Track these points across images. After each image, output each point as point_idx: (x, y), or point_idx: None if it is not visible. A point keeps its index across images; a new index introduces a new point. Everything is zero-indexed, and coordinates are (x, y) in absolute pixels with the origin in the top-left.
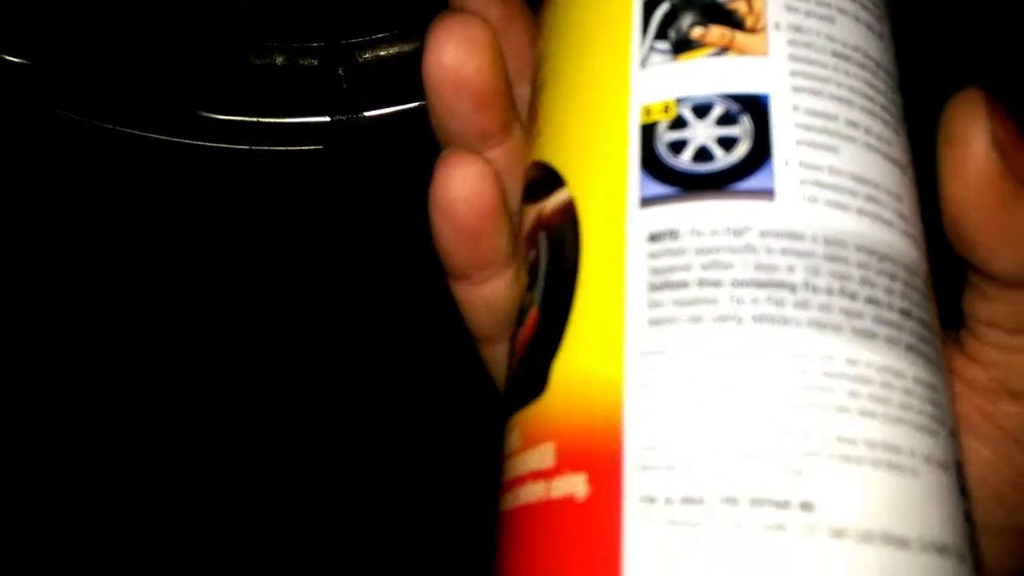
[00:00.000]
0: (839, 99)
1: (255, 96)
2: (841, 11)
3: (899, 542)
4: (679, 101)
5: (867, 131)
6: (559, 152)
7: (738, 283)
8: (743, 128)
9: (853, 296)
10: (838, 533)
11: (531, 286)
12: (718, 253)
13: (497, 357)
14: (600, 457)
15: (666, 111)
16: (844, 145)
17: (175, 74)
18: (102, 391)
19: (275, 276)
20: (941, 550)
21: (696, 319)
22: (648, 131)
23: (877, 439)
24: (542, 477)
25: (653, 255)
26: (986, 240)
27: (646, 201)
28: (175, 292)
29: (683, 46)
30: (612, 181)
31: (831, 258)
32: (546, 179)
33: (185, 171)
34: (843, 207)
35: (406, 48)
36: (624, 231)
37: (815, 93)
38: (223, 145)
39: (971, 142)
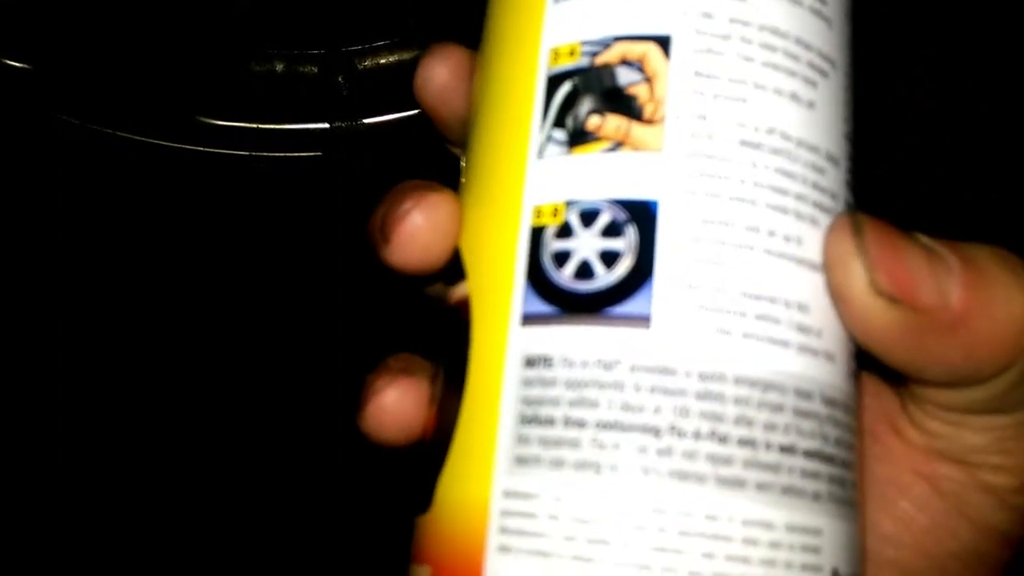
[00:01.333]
0: (740, 199)
1: (255, 102)
2: (758, 86)
3: None
4: (568, 204)
5: (771, 233)
6: (465, 239)
7: (602, 425)
8: (627, 241)
9: (724, 439)
10: None
11: (435, 375)
12: (586, 388)
13: None
14: None
15: (555, 214)
16: (738, 256)
17: (175, 80)
18: (103, 394)
19: (275, 281)
20: None
21: (557, 463)
22: (537, 236)
23: None
24: None
25: (527, 382)
26: (904, 364)
27: (527, 319)
28: (175, 296)
29: (579, 138)
30: (499, 289)
31: (703, 396)
32: (454, 266)
33: (185, 176)
34: (726, 332)
35: (405, 56)
36: (505, 350)
37: (712, 195)
38: (223, 151)
39: (856, 297)
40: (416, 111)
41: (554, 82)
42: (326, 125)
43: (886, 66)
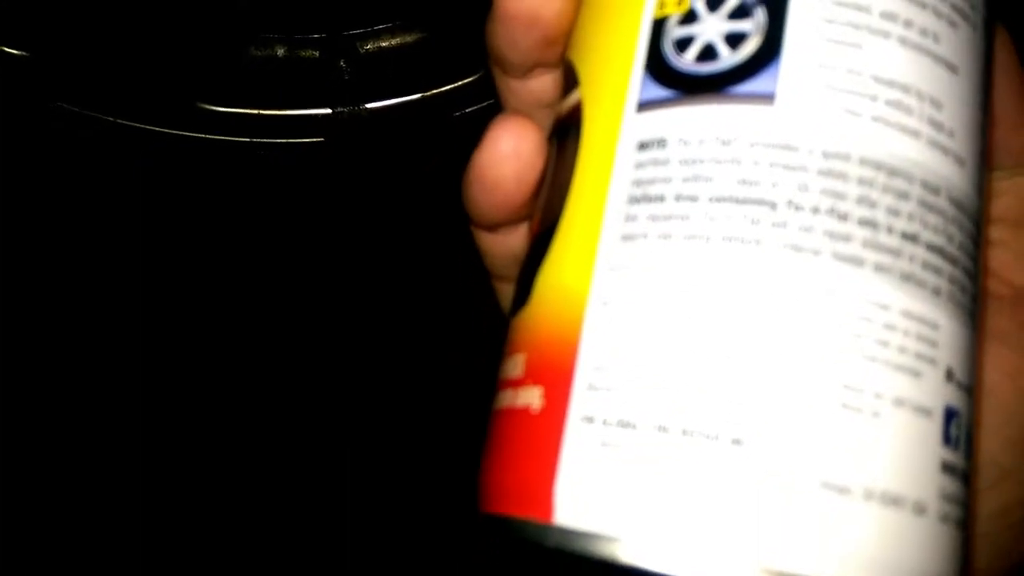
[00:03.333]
0: None
1: (256, 88)
2: None
3: (835, 488)
4: None
5: (907, 24)
6: (578, 50)
7: (716, 199)
8: (755, 22)
9: (844, 217)
10: (767, 473)
11: (538, 192)
12: (702, 165)
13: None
14: (556, 372)
15: (679, 3)
16: (872, 41)
17: (176, 66)
18: (103, 385)
19: (277, 268)
20: (893, 501)
21: (666, 236)
22: (658, 27)
23: (835, 377)
24: (512, 385)
25: (639, 165)
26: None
27: (643, 105)
28: (176, 284)
29: None
30: (616, 83)
31: (826, 173)
32: (567, 78)
33: (186, 163)
34: (855, 114)
35: (408, 39)
36: (617, 136)
37: None
38: (224, 137)
39: None
40: (420, 95)
41: None
42: (328, 111)
43: None
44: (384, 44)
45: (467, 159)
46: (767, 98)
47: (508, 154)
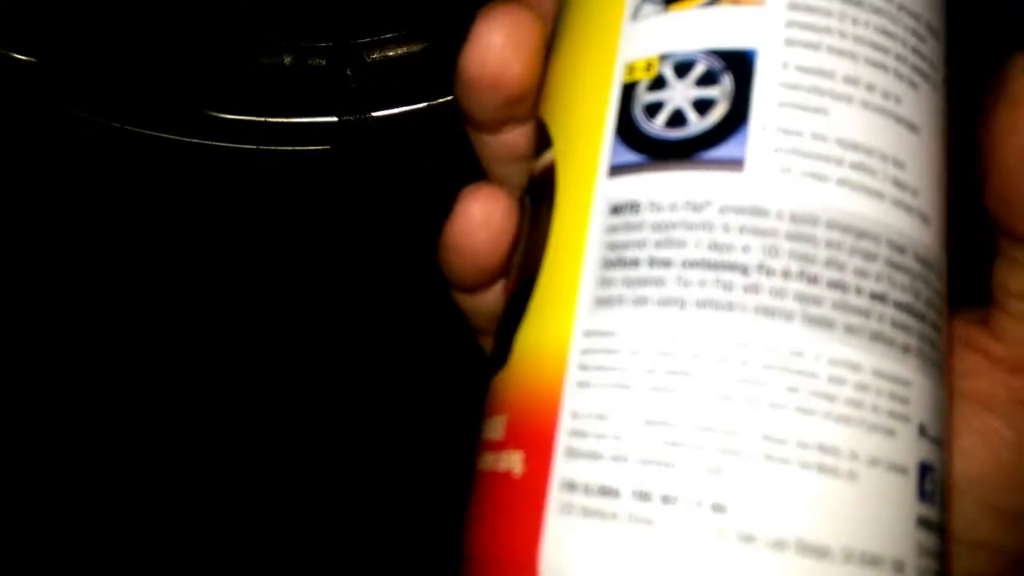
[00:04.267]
0: (840, 52)
1: (263, 96)
2: None
3: (816, 551)
4: (662, 58)
5: (870, 88)
6: (551, 109)
7: (689, 263)
8: (722, 89)
9: (813, 279)
10: (747, 539)
11: (513, 252)
12: (674, 230)
13: None
14: (536, 437)
15: (648, 69)
16: (836, 106)
17: (183, 73)
18: (106, 388)
19: (282, 275)
20: (872, 561)
21: (641, 301)
22: (628, 92)
23: (810, 439)
24: (493, 448)
25: (613, 229)
26: None
27: (615, 170)
28: (182, 290)
29: None
30: (588, 146)
31: (795, 237)
32: (539, 137)
33: (193, 170)
34: (821, 178)
35: (414, 48)
36: (591, 201)
37: (811, 47)
38: (231, 145)
39: None
40: (426, 104)
41: None
42: (335, 118)
43: None
44: (390, 53)
45: (467, 162)
46: (736, 163)
47: (479, 222)
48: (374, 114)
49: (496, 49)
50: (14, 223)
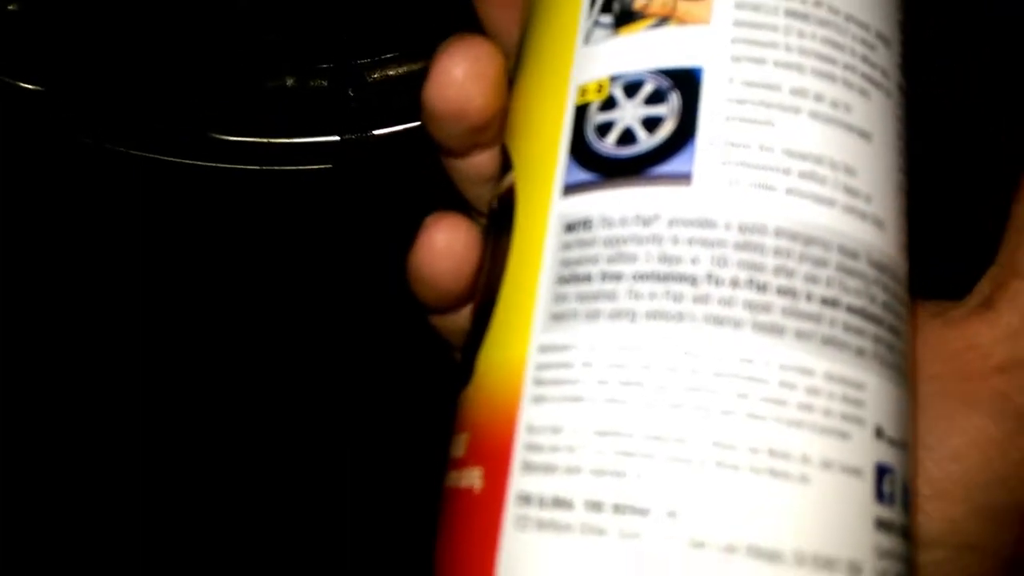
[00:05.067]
0: (787, 65)
1: (266, 117)
2: None
3: (768, 555)
4: (612, 79)
5: (818, 98)
6: (511, 135)
7: (639, 276)
8: (670, 107)
9: (763, 287)
10: (697, 544)
11: (478, 273)
12: (624, 244)
13: None
14: (494, 452)
15: (599, 90)
16: (783, 117)
17: (187, 97)
18: (113, 396)
19: (287, 294)
20: (826, 563)
21: (593, 315)
22: (581, 113)
23: (761, 444)
24: (457, 466)
25: (567, 246)
26: None
27: (568, 188)
28: (189, 312)
29: (625, 18)
30: (544, 167)
31: (743, 246)
32: (503, 161)
33: (198, 192)
34: (769, 188)
35: (414, 67)
36: (547, 220)
37: (757, 61)
38: (235, 166)
39: None
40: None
41: None
42: (337, 138)
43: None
44: (391, 72)
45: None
46: (684, 178)
47: (442, 251)
48: (375, 132)
49: (457, 83)
50: (22, 248)
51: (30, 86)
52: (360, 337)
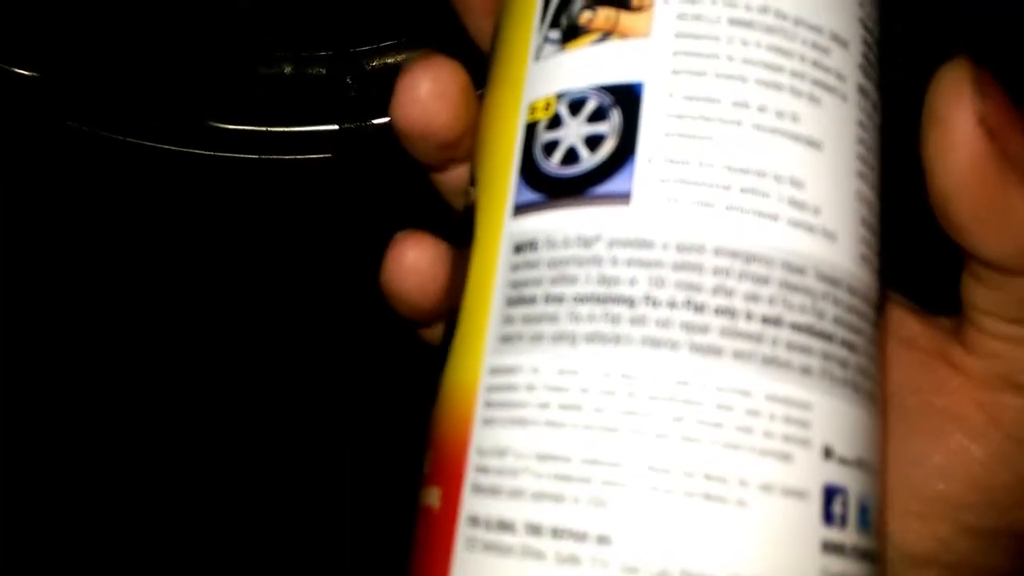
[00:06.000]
0: (728, 76)
1: (264, 106)
2: None
3: None
4: (559, 96)
5: (762, 109)
6: (475, 150)
7: (579, 299)
8: (611, 124)
9: (700, 308)
10: (631, 570)
11: (449, 288)
12: (566, 266)
13: None
14: (450, 473)
15: (547, 108)
16: (724, 131)
17: (184, 85)
18: (111, 393)
19: (285, 284)
20: None
21: (537, 337)
22: (530, 131)
23: (696, 468)
24: (424, 482)
25: (515, 267)
26: (977, 227)
27: (518, 209)
28: (187, 301)
29: (571, 34)
30: (498, 186)
31: (681, 266)
32: (470, 175)
33: (195, 181)
34: (707, 205)
35: (413, 55)
36: (499, 240)
37: (697, 74)
38: (233, 155)
39: (956, 123)
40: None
41: None
42: (335, 127)
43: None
44: (389, 61)
45: None
46: (623, 197)
47: (409, 268)
48: (374, 121)
49: (421, 102)
50: (18, 237)
51: (26, 72)
52: (359, 329)
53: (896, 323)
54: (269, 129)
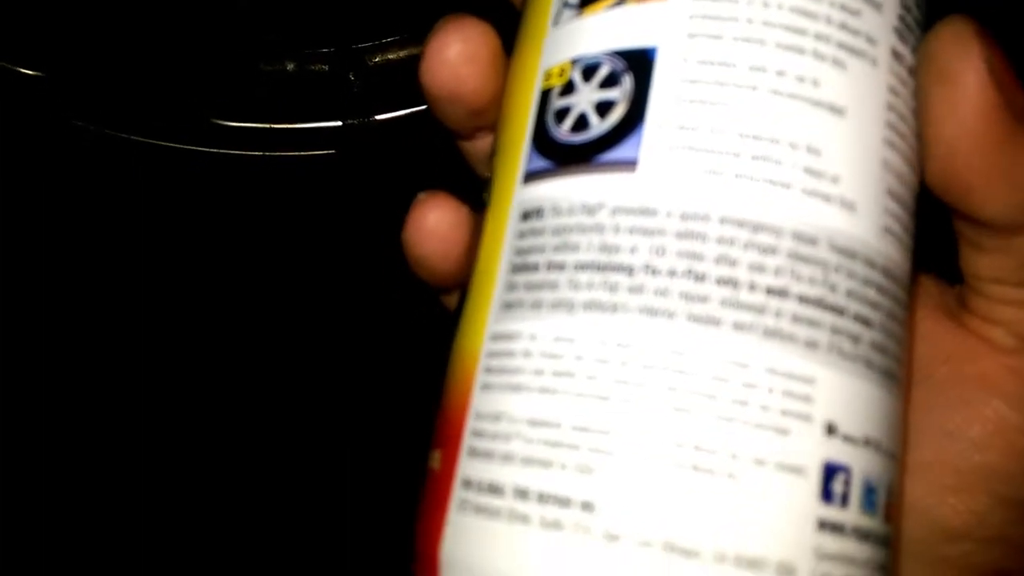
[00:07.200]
0: (747, 39)
1: (267, 103)
2: None
3: (684, 552)
4: (573, 62)
5: (780, 74)
6: (499, 117)
7: (580, 266)
8: (623, 90)
9: (701, 277)
10: (612, 537)
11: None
12: (569, 233)
13: None
14: (450, 437)
15: (561, 74)
16: (739, 96)
17: (188, 83)
18: (113, 392)
19: (289, 280)
20: (750, 563)
21: (536, 304)
22: (544, 98)
23: (686, 439)
24: (432, 446)
25: (521, 235)
26: (982, 183)
27: (528, 176)
28: (190, 298)
29: None
30: (513, 154)
31: (684, 235)
32: (493, 144)
33: (200, 178)
34: (716, 173)
35: (415, 51)
36: (509, 208)
37: (715, 37)
38: (237, 152)
39: (964, 76)
40: (426, 106)
41: None
42: (339, 123)
43: None
44: (391, 56)
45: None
46: (630, 164)
47: (430, 232)
48: (377, 117)
49: (450, 64)
50: (23, 235)
51: (31, 72)
52: (363, 326)
53: (924, 293)
54: (272, 126)
